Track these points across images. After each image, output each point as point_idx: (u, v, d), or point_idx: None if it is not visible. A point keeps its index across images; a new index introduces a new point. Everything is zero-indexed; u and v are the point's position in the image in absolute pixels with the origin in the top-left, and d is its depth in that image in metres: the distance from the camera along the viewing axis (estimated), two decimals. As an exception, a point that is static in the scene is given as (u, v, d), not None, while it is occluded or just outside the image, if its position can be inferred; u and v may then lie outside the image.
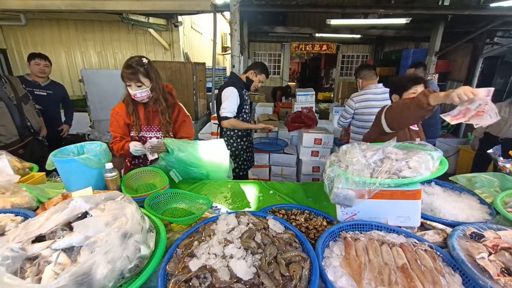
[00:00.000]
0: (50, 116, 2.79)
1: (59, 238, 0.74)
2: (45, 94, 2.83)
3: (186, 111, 1.83)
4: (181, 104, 1.81)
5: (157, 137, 1.67)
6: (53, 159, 1.27)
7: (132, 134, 1.69)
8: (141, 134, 1.70)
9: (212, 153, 1.59)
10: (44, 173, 1.52)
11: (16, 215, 1.02)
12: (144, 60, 1.54)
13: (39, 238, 0.75)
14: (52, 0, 3.97)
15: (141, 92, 1.54)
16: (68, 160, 1.26)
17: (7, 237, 0.74)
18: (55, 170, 1.36)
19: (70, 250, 0.73)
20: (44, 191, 1.28)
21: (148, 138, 1.68)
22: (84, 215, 0.83)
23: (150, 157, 1.58)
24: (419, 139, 1.24)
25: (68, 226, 0.79)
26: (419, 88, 1.57)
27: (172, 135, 1.73)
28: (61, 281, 0.59)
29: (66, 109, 3.19)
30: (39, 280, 0.65)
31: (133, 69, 1.49)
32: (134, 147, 1.56)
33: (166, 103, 1.67)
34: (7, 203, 1.09)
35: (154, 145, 1.52)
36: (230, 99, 2.19)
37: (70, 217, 0.80)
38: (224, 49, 8.51)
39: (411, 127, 1.65)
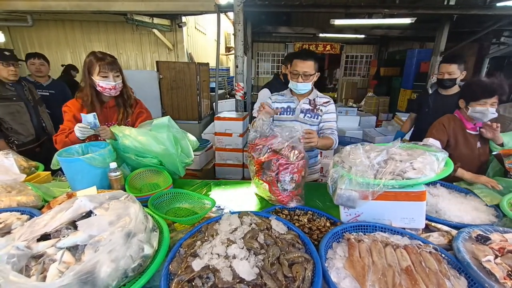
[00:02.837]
0: (55, 117, 2.79)
1: (64, 236, 0.75)
2: (48, 94, 2.80)
3: (144, 105, 1.77)
4: (140, 100, 1.77)
5: None
6: (58, 158, 1.28)
7: None
8: None
9: (162, 137, 1.39)
10: (49, 172, 1.54)
11: (22, 214, 1.03)
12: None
13: (44, 237, 0.76)
14: (58, 1, 4.03)
15: (118, 83, 1.50)
16: (73, 160, 1.27)
17: (13, 236, 0.75)
18: (60, 169, 1.37)
19: (74, 249, 0.74)
20: (50, 190, 1.30)
21: None
22: (89, 214, 0.84)
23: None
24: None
25: (73, 225, 0.80)
26: (490, 101, 1.43)
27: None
28: (65, 280, 0.59)
29: None
30: (44, 278, 0.66)
31: (113, 58, 1.46)
32: (79, 127, 1.37)
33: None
34: (13, 201, 1.11)
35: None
36: (259, 101, 2.19)
37: (74, 216, 0.81)
38: (228, 49, 8.53)
39: (471, 132, 1.57)
